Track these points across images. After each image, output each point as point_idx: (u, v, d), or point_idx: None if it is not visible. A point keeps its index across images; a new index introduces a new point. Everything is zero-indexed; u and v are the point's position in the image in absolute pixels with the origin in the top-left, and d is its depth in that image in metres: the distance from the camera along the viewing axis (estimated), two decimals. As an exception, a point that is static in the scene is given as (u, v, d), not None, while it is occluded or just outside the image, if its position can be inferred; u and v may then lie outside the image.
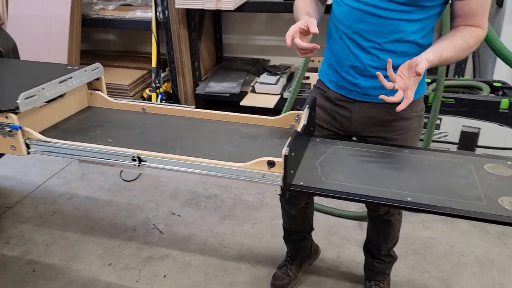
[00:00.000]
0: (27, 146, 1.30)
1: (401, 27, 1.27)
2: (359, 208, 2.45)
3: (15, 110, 1.25)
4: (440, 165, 1.26)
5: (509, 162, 1.26)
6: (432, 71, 3.03)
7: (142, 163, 1.22)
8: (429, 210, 1.07)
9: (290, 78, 3.40)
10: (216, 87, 3.26)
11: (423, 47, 1.29)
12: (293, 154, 1.12)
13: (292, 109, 2.85)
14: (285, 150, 1.08)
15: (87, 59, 3.68)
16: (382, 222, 1.70)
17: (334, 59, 1.42)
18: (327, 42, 1.46)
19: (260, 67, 3.52)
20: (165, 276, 2.06)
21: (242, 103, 3.13)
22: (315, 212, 2.42)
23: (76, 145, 1.25)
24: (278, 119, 1.44)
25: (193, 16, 3.17)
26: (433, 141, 2.42)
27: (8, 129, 1.25)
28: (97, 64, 1.54)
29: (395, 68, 1.18)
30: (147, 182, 2.79)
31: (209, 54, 3.70)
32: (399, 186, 1.15)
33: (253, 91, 3.22)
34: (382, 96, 1.17)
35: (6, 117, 1.25)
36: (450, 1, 1.29)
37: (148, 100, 3.38)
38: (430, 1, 1.25)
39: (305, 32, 1.23)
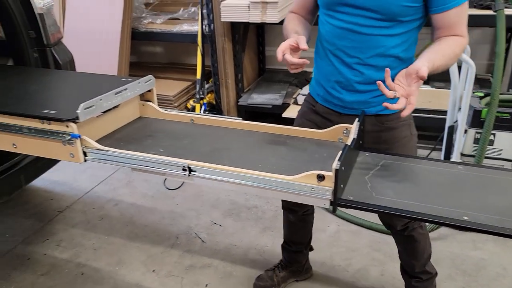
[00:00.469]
0: (84, 154, 1.35)
1: (382, 42, 1.33)
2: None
3: (75, 120, 1.31)
4: (497, 183, 1.20)
5: None
6: (484, 84, 2.92)
7: (192, 173, 1.24)
8: (488, 230, 1.01)
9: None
10: (259, 98, 3.29)
11: (405, 61, 1.35)
12: (343, 168, 1.10)
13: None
14: (336, 164, 1.06)
15: (135, 71, 3.83)
16: (405, 238, 1.68)
17: (321, 75, 1.49)
18: (315, 59, 1.53)
19: (302, 79, 3.52)
20: (206, 285, 2.08)
21: (284, 114, 3.14)
22: (357, 228, 2.41)
23: (129, 154, 1.29)
24: (326, 132, 1.42)
25: (237, 29, 3.23)
26: (486, 158, 2.32)
27: (68, 138, 1.31)
28: (150, 77, 1.60)
29: (375, 82, 1.22)
30: (189, 191, 2.84)
31: (252, 66, 3.75)
32: (454, 204, 1.10)
33: (296, 103, 3.23)
34: (385, 104, 1.18)
35: (67, 126, 1.31)
36: (429, 14, 1.33)
37: (192, 111, 3.47)
38: (407, 15, 1.30)
39: (295, 49, 1.30)
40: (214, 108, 3.59)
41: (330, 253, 2.25)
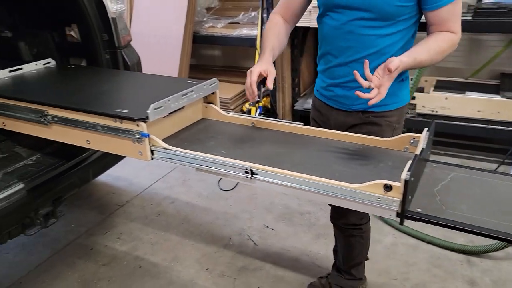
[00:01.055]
0: (152, 152, 1.39)
1: (377, 42, 1.36)
2: (468, 241, 2.25)
3: (145, 119, 1.36)
4: None
5: None
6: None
7: (254, 175, 1.24)
8: None
9: (392, 98, 3.27)
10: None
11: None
12: (412, 179, 1.05)
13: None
14: (405, 175, 1.02)
15: (194, 73, 3.94)
16: (341, 237, 1.77)
17: (321, 72, 1.56)
18: (318, 56, 1.57)
19: (361, 85, 3.45)
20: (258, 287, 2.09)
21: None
22: (415, 241, 2.31)
23: (194, 154, 1.31)
24: (391, 140, 1.37)
25: (296, 34, 3.23)
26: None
27: (138, 136, 1.37)
28: (214, 80, 1.63)
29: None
30: (243, 193, 2.87)
31: (309, 71, 3.73)
32: None
33: (353, 109, 3.16)
34: (357, 92, 1.22)
35: (137, 125, 1.36)
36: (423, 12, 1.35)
37: (247, 114, 3.51)
38: (402, 15, 1.32)
39: (261, 76, 1.37)
40: (269, 112, 3.60)
41: (386, 265, 2.17)
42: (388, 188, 1.06)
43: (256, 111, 3.50)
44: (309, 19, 2.87)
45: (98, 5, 2.05)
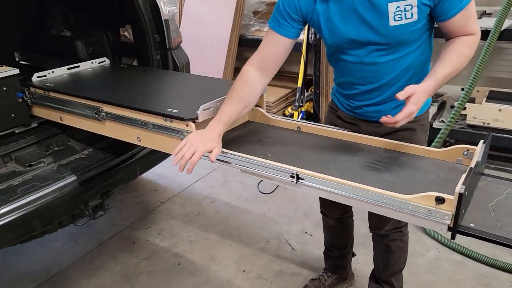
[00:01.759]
0: None
1: (400, 64, 1.34)
2: (519, 261, 2.13)
3: (194, 120, 1.39)
4: None
5: None
6: None
7: (300, 180, 1.23)
8: None
9: (441, 107, 3.16)
10: (359, 110, 3.21)
11: (422, 69, 1.38)
12: (467, 193, 1.02)
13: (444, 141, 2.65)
14: (460, 188, 0.99)
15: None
16: (381, 244, 1.73)
17: (342, 95, 1.53)
18: (334, 73, 1.55)
19: (407, 93, 3.36)
20: (295, 293, 2.07)
21: (386, 129, 3.01)
22: (461, 257, 2.22)
23: (241, 156, 1.33)
24: (443, 152, 1.33)
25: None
26: None
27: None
28: None
29: (393, 97, 1.24)
30: (282, 197, 2.87)
31: (354, 77, 3.68)
32: None
33: (399, 117, 3.08)
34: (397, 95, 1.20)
35: (187, 125, 1.40)
36: (436, 24, 1.33)
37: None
38: (415, 36, 1.30)
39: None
40: (311, 117, 3.58)
41: (428, 279, 2.10)
42: (440, 200, 1.03)
43: (298, 115, 3.50)
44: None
45: (152, 7, 2.12)
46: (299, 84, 3.41)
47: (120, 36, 2.49)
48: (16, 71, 1.81)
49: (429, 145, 1.48)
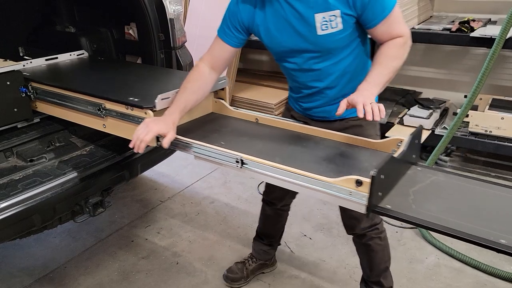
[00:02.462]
0: (157, 139, 1.48)
1: (332, 70, 1.47)
2: (518, 270, 2.12)
3: (152, 108, 1.49)
4: None
5: None
6: None
7: (244, 165, 1.34)
8: None
9: (443, 114, 3.16)
10: (362, 115, 3.21)
11: (361, 71, 1.47)
12: (382, 177, 1.12)
13: (446, 148, 2.64)
14: (373, 172, 1.09)
15: (240, 77, 3.98)
16: (363, 246, 1.78)
17: (293, 98, 1.67)
18: (289, 85, 1.67)
19: (411, 98, 3.36)
20: (293, 296, 2.07)
21: (388, 134, 3.01)
22: (460, 265, 2.21)
23: (194, 143, 1.44)
24: (381, 143, 1.42)
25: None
26: None
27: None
28: (224, 77, 1.72)
29: (344, 96, 1.32)
30: (282, 199, 2.86)
31: (357, 81, 3.68)
32: (496, 227, 1.05)
33: (401, 123, 3.08)
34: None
35: (145, 113, 1.50)
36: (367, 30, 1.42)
37: (291, 120, 3.50)
38: (345, 43, 1.40)
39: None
40: (314, 120, 3.58)
41: (426, 286, 2.09)
42: (359, 183, 1.13)
43: (300, 118, 3.49)
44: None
45: (158, 6, 2.12)
46: (302, 86, 3.41)
47: (125, 34, 2.49)
48: (20, 66, 1.82)
49: (429, 153, 1.50)
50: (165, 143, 1.41)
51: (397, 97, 3.41)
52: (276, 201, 1.96)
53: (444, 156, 3.19)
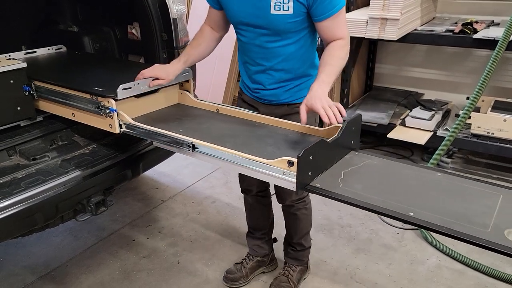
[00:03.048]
0: (120, 126, 1.63)
1: (281, 52, 1.60)
2: (519, 272, 2.12)
3: (114, 97, 1.60)
4: (468, 191, 1.26)
5: None
6: None
7: (195, 149, 1.45)
8: (425, 226, 1.11)
9: (445, 115, 3.16)
10: (364, 115, 3.21)
11: (306, 60, 1.64)
12: (311, 158, 1.24)
13: (448, 150, 2.64)
14: (299, 153, 1.20)
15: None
16: (290, 215, 1.99)
17: (244, 76, 1.79)
18: (239, 62, 1.80)
19: (413, 100, 3.36)
20: (293, 296, 2.06)
21: (390, 135, 3.01)
22: (462, 266, 2.21)
23: (152, 130, 1.55)
24: (325, 130, 1.51)
25: (350, 44, 3.18)
26: None
27: (108, 111, 1.61)
28: (188, 69, 1.83)
29: (285, 81, 1.63)
30: (283, 199, 2.86)
31: (359, 82, 3.68)
32: (409, 202, 1.19)
33: (403, 124, 3.08)
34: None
35: (108, 102, 1.61)
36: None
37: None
38: (295, 28, 1.54)
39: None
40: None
41: (427, 288, 2.10)
42: (290, 163, 1.25)
43: (302, 118, 3.49)
44: (365, 30, 2.84)
45: (161, 5, 2.12)
46: (304, 87, 3.41)
47: (128, 33, 2.49)
48: (24, 64, 1.82)
49: (431, 154, 1.53)
50: (151, 83, 1.69)
51: (399, 99, 3.41)
52: (251, 188, 2.02)
53: (446, 157, 3.19)
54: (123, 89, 1.62)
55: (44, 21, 2.77)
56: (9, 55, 2.16)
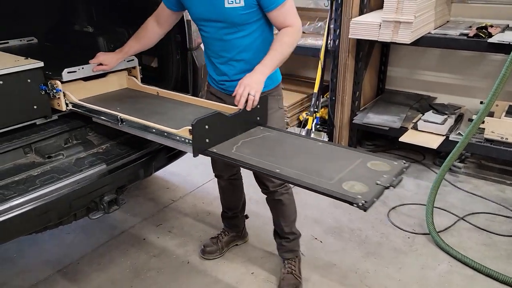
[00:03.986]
0: (67, 105, 1.92)
1: (239, 43, 1.73)
2: (532, 280, 2.09)
3: (60, 79, 1.86)
4: (335, 155, 1.52)
5: (403, 162, 1.43)
6: None
7: (123, 123, 1.72)
8: (283, 179, 1.42)
9: (458, 120, 3.14)
10: (375, 119, 3.20)
11: (263, 51, 1.70)
12: (207, 127, 1.48)
13: (460, 154, 2.61)
14: (194, 121, 1.43)
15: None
16: (274, 201, 2.06)
17: (210, 70, 1.91)
18: (205, 57, 1.92)
19: (425, 103, 3.33)
20: (303, 299, 2.06)
21: (402, 139, 2.99)
22: (473, 272, 2.19)
23: (91, 107, 1.83)
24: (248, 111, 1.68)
25: (363, 46, 3.19)
26: None
27: (55, 91, 1.87)
28: (133, 57, 2.11)
29: (246, 71, 1.69)
30: (293, 201, 2.86)
31: (371, 85, 3.66)
32: (280, 162, 1.42)
33: (415, 127, 3.06)
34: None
35: (55, 83, 1.85)
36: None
37: (304, 123, 3.50)
38: (249, 19, 1.68)
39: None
40: (326, 123, 3.57)
41: (438, 294, 2.08)
42: (191, 131, 1.46)
43: (313, 121, 3.48)
44: (378, 33, 2.83)
45: (175, 7, 2.14)
46: (316, 89, 3.40)
47: (142, 34, 2.51)
48: (41, 64, 1.85)
49: (443, 158, 1.57)
50: (94, 68, 1.98)
51: (411, 102, 3.39)
52: (222, 173, 2.20)
53: (458, 162, 3.16)
54: (68, 72, 1.89)
55: (60, 21, 2.81)
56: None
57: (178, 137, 1.55)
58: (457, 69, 3.39)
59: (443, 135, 2.94)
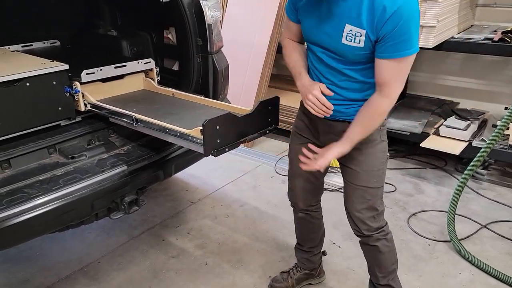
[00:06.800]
0: (85, 105, 1.99)
1: (347, 73, 1.55)
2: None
3: (79, 80, 1.92)
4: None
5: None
6: None
7: (138, 123, 1.79)
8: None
9: (481, 126, 3.07)
10: (396, 123, 3.16)
11: (369, 83, 1.53)
12: (217, 127, 1.50)
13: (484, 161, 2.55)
14: (204, 122, 1.46)
15: (273, 82, 3.99)
16: (369, 247, 1.81)
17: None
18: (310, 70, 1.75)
19: (447, 109, 3.27)
20: (320, 304, 2.05)
21: (423, 144, 2.95)
22: (496, 282, 2.14)
23: (107, 108, 1.91)
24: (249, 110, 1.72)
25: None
26: None
27: (74, 92, 1.94)
28: (149, 60, 2.22)
29: (349, 100, 1.57)
30: (311, 206, 2.84)
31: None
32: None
33: (437, 133, 3.01)
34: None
35: (74, 84, 1.93)
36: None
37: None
38: (363, 59, 1.48)
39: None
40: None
41: (459, 303, 2.03)
42: (202, 132, 1.49)
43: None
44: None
45: (197, 11, 2.17)
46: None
47: (164, 38, 2.55)
48: (66, 66, 1.90)
49: (466, 165, 1.51)
50: (326, 90, 1.60)
51: (433, 107, 3.34)
52: (297, 203, 1.97)
53: (482, 169, 3.09)
54: (86, 74, 1.94)
55: (85, 25, 2.88)
56: (8, 47, 2.41)
57: (190, 137, 1.59)
58: (481, 74, 3.32)
59: (465, 141, 2.89)
